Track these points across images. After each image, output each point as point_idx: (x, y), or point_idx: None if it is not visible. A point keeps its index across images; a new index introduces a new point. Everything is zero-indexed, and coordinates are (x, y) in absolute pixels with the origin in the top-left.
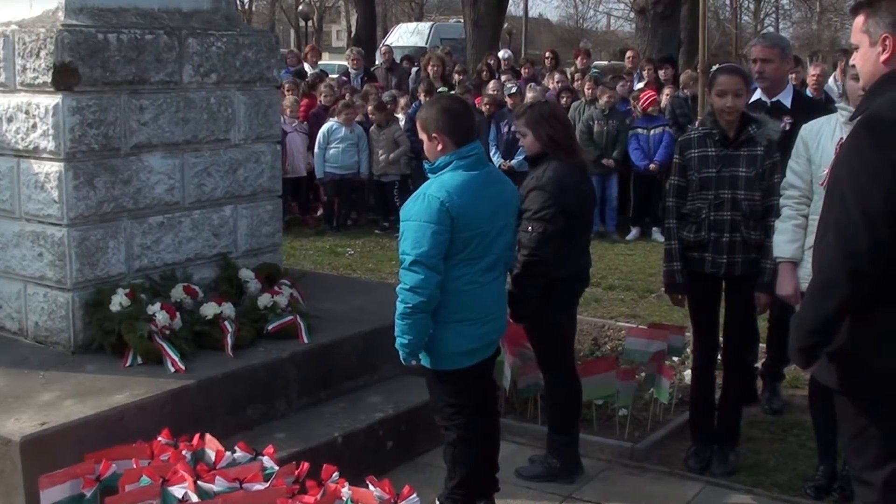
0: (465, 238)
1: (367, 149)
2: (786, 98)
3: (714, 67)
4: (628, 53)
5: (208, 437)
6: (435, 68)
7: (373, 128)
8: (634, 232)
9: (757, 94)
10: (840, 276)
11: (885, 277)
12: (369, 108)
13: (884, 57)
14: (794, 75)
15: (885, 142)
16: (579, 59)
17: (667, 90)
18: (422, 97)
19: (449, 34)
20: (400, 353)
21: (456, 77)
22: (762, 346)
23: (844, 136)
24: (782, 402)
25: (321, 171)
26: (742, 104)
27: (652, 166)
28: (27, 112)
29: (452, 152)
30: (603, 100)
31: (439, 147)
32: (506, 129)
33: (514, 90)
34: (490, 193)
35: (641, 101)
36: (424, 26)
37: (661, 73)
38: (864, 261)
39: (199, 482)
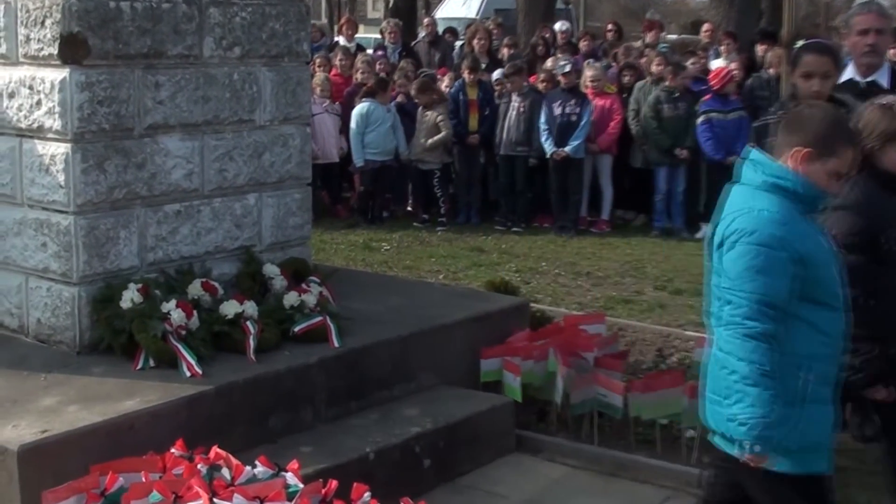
0: None
1: (402, 130)
2: (882, 77)
3: (798, 44)
4: (705, 26)
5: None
6: (481, 42)
7: (420, 109)
8: (705, 229)
9: (848, 73)
10: None
11: None
12: (412, 88)
13: None
14: (892, 51)
15: None
16: (652, 32)
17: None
18: (466, 75)
19: (503, 4)
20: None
21: (504, 52)
22: None
23: None
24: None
25: (361, 158)
26: (829, 88)
27: (731, 159)
28: (31, 87)
29: None
30: (676, 80)
31: None
32: (559, 111)
33: (567, 69)
34: None
35: (713, 78)
36: None
37: (759, 48)
38: None
39: (215, 499)
